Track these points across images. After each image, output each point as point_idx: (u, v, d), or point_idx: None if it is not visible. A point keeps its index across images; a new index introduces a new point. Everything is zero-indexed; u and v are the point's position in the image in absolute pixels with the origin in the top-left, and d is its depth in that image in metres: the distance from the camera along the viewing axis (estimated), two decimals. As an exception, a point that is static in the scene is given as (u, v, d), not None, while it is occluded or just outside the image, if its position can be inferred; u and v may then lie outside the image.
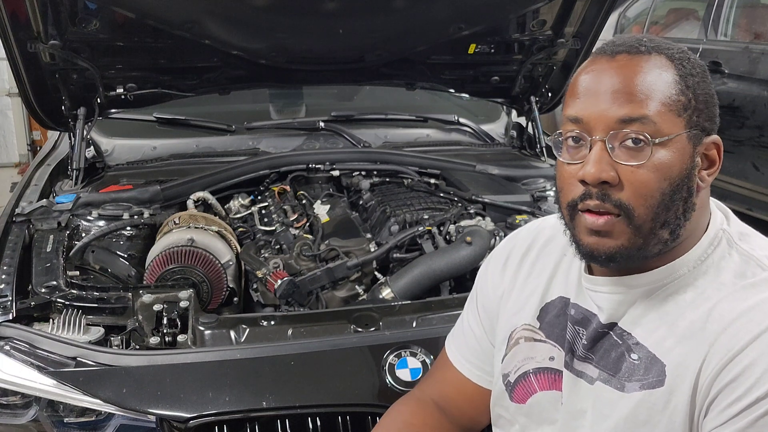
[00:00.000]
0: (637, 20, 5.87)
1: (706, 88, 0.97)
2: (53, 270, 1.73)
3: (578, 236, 0.99)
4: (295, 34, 2.39)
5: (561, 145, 1.00)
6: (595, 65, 0.98)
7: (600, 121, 0.94)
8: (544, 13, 2.51)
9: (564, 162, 0.99)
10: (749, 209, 4.35)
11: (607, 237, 0.95)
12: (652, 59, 0.95)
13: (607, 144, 0.94)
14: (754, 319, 0.90)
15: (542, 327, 1.12)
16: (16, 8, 2.04)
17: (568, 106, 0.99)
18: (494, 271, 1.23)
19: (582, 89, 0.97)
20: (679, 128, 0.94)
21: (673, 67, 0.95)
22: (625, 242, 0.95)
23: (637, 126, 0.93)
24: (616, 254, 0.96)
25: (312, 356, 1.48)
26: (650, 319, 0.99)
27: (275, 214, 2.23)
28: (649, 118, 0.93)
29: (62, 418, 1.43)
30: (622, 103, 0.93)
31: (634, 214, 0.94)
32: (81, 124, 2.40)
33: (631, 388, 0.98)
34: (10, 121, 5.85)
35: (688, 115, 0.95)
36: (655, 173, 0.93)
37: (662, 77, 0.94)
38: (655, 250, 0.96)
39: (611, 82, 0.95)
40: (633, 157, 0.93)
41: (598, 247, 0.96)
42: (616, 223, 0.94)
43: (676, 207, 0.95)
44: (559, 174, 1.01)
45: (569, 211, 0.99)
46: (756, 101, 4.35)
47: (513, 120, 3.10)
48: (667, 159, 0.93)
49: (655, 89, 0.93)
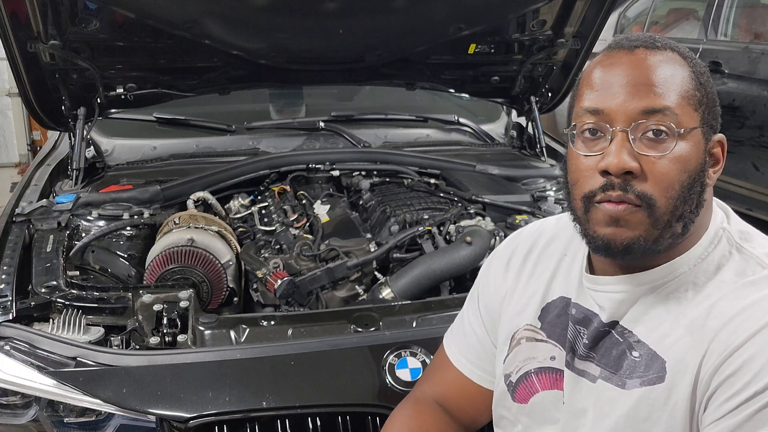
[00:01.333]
0: (637, 20, 5.87)
1: (712, 88, 0.99)
2: (53, 270, 1.73)
3: (593, 228, 0.98)
4: (295, 34, 2.39)
5: (575, 137, 0.99)
6: (612, 59, 0.98)
7: (621, 112, 0.94)
8: (544, 13, 2.51)
9: (580, 154, 0.98)
10: (749, 209, 4.34)
11: (625, 227, 0.95)
12: (668, 54, 0.97)
13: (629, 135, 0.94)
14: (753, 316, 0.91)
15: (543, 327, 1.12)
16: (16, 8, 2.04)
17: (584, 98, 0.98)
18: (497, 271, 1.23)
19: (601, 81, 0.97)
20: (696, 122, 0.95)
21: (687, 64, 0.97)
22: (643, 233, 0.95)
23: (659, 117, 0.93)
24: (633, 245, 0.95)
25: (312, 356, 1.47)
26: (651, 317, 0.99)
27: (275, 214, 2.23)
28: (671, 110, 0.93)
29: (62, 418, 1.43)
30: (643, 95, 0.94)
31: (656, 205, 0.94)
32: (81, 124, 2.40)
33: (632, 385, 0.98)
34: (10, 121, 5.86)
35: (702, 110, 0.96)
36: (676, 165, 0.94)
37: (680, 72, 0.96)
38: (666, 244, 0.96)
39: (633, 74, 0.95)
40: (655, 148, 0.93)
41: (615, 237, 0.96)
42: (635, 213, 0.94)
43: (691, 201, 0.95)
44: (573, 166, 1.00)
45: (584, 203, 0.98)
46: (756, 101, 4.35)
47: (513, 120, 3.10)
48: (686, 151, 0.94)
49: (674, 83, 0.95)
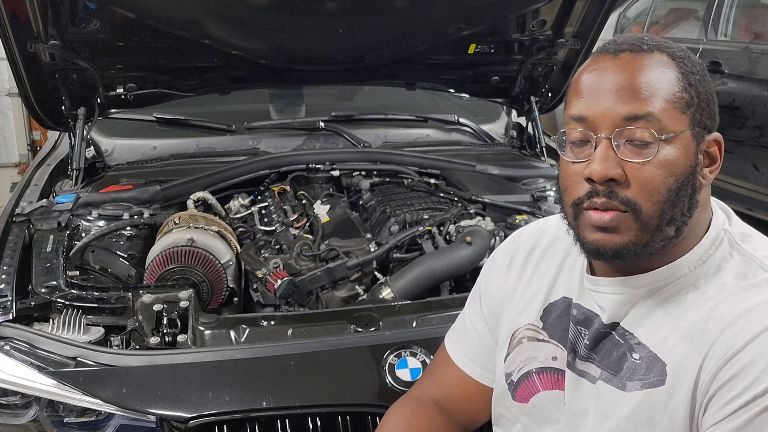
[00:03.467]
0: (637, 20, 5.87)
1: (706, 87, 0.97)
2: (53, 270, 1.73)
3: (583, 234, 0.98)
4: (295, 34, 2.39)
5: (565, 144, 0.99)
6: (598, 64, 0.98)
7: (605, 118, 0.94)
8: (544, 13, 2.51)
9: (568, 161, 0.99)
10: (749, 209, 4.34)
11: (614, 233, 0.95)
12: (655, 57, 0.96)
13: (612, 141, 0.94)
14: (754, 319, 0.90)
15: (545, 327, 1.12)
16: (16, 8, 2.04)
17: (571, 105, 0.99)
18: (498, 270, 1.23)
19: (585, 88, 0.97)
20: (683, 125, 0.95)
21: (675, 65, 0.96)
22: (632, 238, 0.95)
23: (643, 123, 0.93)
24: (622, 250, 0.95)
25: (312, 356, 1.47)
26: (652, 319, 0.99)
27: (275, 214, 2.23)
28: (654, 116, 0.93)
29: (62, 418, 1.43)
30: (626, 100, 0.93)
31: (641, 210, 0.93)
32: (81, 124, 2.40)
33: (632, 388, 0.98)
34: (10, 121, 5.86)
35: (691, 112, 0.95)
36: (661, 170, 0.93)
37: (665, 75, 0.95)
38: (658, 247, 0.96)
39: (615, 80, 0.95)
40: (639, 154, 0.93)
41: (604, 243, 0.96)
42: (623, 219, 0.94)
43: (681, 204, 0.95)
44: (563, 173, 1.01)
45: (573, 210, 0.99)
46: (756, 101, 4.35)
47: (513, 120, 3.10)
48: (672, 156, 0.94)
49: (659, 87, 0.94)
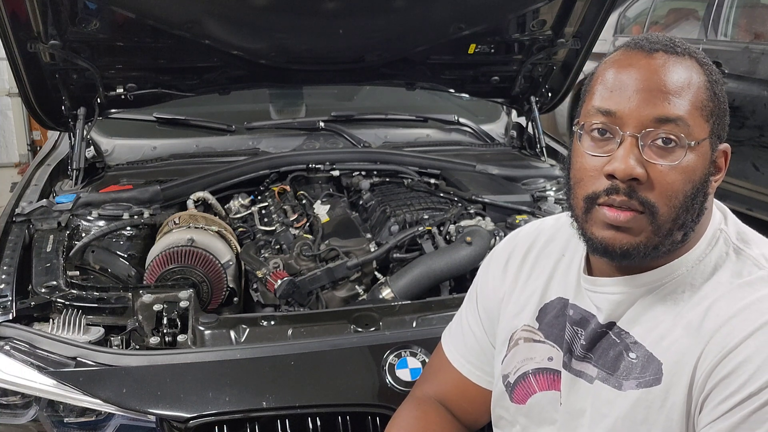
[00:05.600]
0: (637, 20, 5.87)
1: (724, 98, 0.98)
2: (53, 270, 1.73)
3: (591, 229, 0.97)
4: (295, 34, 2.39)
5: (584, 134, 0.97)
6: (631, 59, 0.96)
7: (634, 117, 0.93)
8: (544, 13, 2.51)
9: (587, 153, 0.97)
10: (749, 209, 4.35)
11: (626, 233, 0.94)
12: (687, 62, 0.95)
13: (639, 141, 0.93)
14: (749, 317, 0.90)
15: (541, 328, 1.12)
16: (16, 8, 2.04)
17: (597, 96, 0.97)
18: (495, 273, 1.23)
19: (616, 82, 0.95)
20: (706, 133, 0.94)
21: (704, 72, 0.96)
22: (644, 240, 0.94)
23: (671, 127, 0.92)
24: (632, 251, 0.95)
25: (312, 356, 1.47)
26: (648, 318, 0.99)
27: (275, 214, 2.23)
28: (684, 120, 0.92)
29: (62, 418, 1.43)
30: (658, 102, 0.92)
31: (658, 213, 0.93)
32: (81, 124, 2.40)
33: (628, 387, 0.98)
34: (10, 121, 5.86)
35: (713, 121, 0.95)
36: (682, 175, 0.93)
37: (696, 81, 0.94)
38: (665, 250, 0.96)
39: (649, 79, 0.93)
40: (664, 156, 0.92)
41: (613, 242, 0.95)
42: (638, 220, 0.93)
43: (693, 210, 0.95)
44: (578, 165, 0.98)
45: (586, 204, 0.97)
46: (756, 101, 4.35)
47: (513, 120, 3.10)
48: (693, 162, 0.93)
49: (691, 92, 0.93)
